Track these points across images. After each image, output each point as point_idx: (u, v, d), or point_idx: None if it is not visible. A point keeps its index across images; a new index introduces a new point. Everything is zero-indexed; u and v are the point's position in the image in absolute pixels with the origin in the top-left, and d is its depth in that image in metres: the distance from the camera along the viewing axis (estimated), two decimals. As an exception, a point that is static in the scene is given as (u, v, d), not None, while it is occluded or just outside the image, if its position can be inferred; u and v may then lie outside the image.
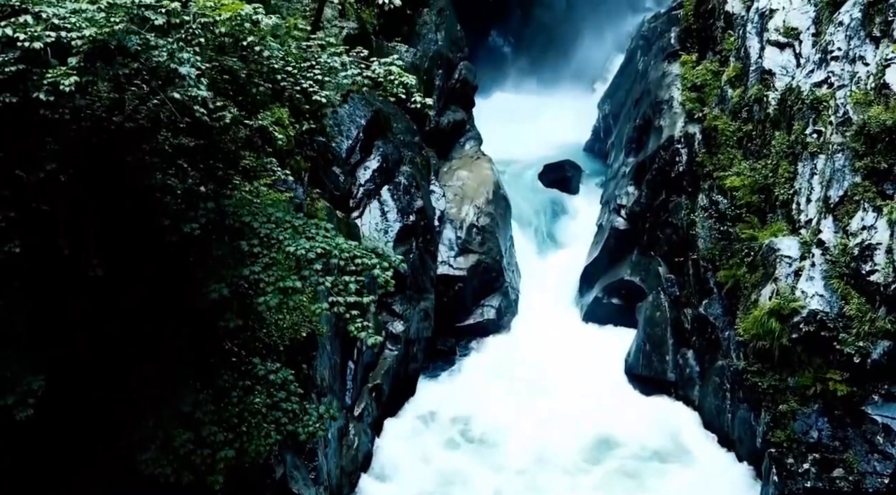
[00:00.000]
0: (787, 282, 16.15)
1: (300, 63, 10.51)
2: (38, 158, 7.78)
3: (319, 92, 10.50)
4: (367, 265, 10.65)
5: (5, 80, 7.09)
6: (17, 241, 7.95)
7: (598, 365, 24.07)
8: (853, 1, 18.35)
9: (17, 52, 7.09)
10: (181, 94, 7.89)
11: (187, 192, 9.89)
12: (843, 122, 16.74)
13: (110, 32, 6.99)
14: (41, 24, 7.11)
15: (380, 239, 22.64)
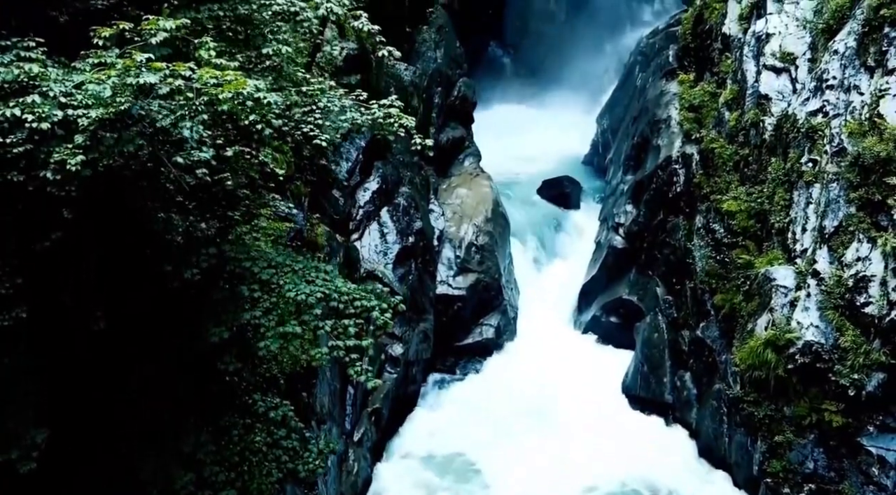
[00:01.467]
0: (783, 313, 16.28)
1: (301, 108, 10.66)
2: (46, 227, 7.93)
3: (320, 135, 10.63)
4: (366, 307, 10.78)
5: (13, 158, 7.23)
6: (23, 306, 8.10)
7: (596, 385, 24.19)
8: (848, 30, 18.50)
9: (24, 132, 7.23)
10: (184, 158, 8.03)
11: (189, 236, 10.00)
12: (838, 152, 16.89)
13: (116, 112, 7.14)
14: (48, 102, 7.25)
15: (379, 261, 22.79)
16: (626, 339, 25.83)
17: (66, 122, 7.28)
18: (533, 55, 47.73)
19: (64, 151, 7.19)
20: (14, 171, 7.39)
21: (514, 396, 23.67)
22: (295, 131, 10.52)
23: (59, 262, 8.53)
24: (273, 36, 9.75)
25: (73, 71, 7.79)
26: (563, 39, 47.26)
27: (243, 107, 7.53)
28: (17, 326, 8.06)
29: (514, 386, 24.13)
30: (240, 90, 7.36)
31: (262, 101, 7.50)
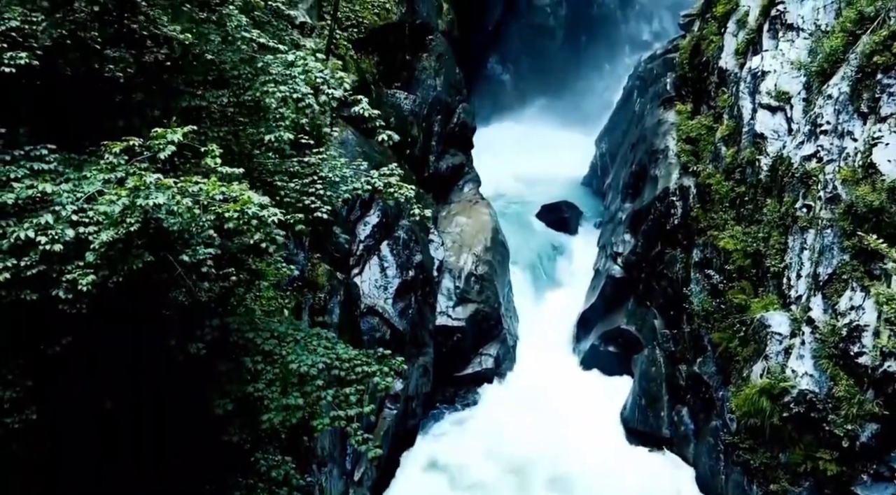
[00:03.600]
0: (778, 360, 16.50)
1: (302, 179, 10.88)
2: (56, 332, 8.15)
3: (322, 208, 10.85)
4: (368, 373, 11.00)
5: (26, 278, 7.46)
6: (33, 408, 8.31)
7: (595, 417, 24.38)
8: (842, 74, 18.72)
9: (37, 253, 7.46)
10: (190, 257, 8.26)
11: (193, 300, 10.16)
12: (832, 199, 17.11)
13: (127, 233, 7.36)
14: (61, 222, 7.49)
15: (379, 296, 22.98)
16: (625, 369, 26.05)
17: (78, 240, 7.51)
18: (532, 72, 48.00)
19: (76, 271, 7.43)
20: (27, 290, 7.62)
21: (513, 430, 23.84)
22: (297, 203, 10.73)
23: (69, 362, 8.74)
24: (276, 122, 9.98)
25: (84, 180, 8.01)
26: (562, 57, 47.60)
27: (248, 225, 7.77)
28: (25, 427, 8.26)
29: (513, 419, 24.30)
30: (245, 209, 7.59)
31: (265, 220, 7.73)
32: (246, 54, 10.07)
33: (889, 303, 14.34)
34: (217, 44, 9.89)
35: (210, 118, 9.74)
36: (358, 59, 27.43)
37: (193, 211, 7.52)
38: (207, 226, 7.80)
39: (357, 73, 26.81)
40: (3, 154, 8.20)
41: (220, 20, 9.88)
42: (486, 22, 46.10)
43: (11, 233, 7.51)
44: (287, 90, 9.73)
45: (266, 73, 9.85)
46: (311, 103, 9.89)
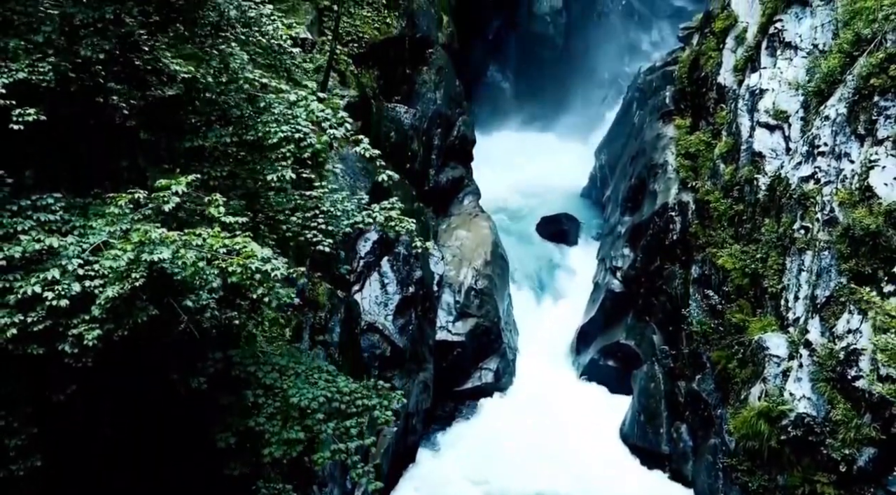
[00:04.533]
0: (776, 383, 16.60)
1: (304, 212, 10.99)
2: (61, 381, 8.26)
3: (323, 241, 10.95)
4: (368, 406, 11.11)
5: (32, 333, 7.58)
6: (38, 455, 8.40)
7: (594, 432, 24.49)
8: (839, 95, 18.83)
9: (44, 309, 7.58)
10: (194, 302, 8.37)
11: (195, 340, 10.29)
12: (829, 221, 17.21)
13: (132, 288, 7.49)
14: (67, 276, 7.60)
15: (380, 312, 23.09)
16: (624, 383, 26.15)
17: (84, 293, 7.63)
18: (532, 80, 48.06)
19: (81, 326, 7.54)
20: (34, 344, 7.73)
21: (513, 445, 23.94)
22: (298, 237, 10.84)
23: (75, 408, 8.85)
24: (278, 162, 10.10)
25: (90, 230, 8.12)
26: (562, 65, 47.69)
27: (252, 280, 7.88)
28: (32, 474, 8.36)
29: (513, 434, 24.41)
30: (248, 264, 7.70)
31: (269, 274, 7.85)
32: (248, 93, 10.18)
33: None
34: (220, 83, 9.99)
35: (213, 157, 9.85)
36: (358, 73, 27.53)
37: (198, 265, 7.62)
38: (211, 279, 7.91)
39: (357, 88, 26.93)
40: (10, 204, 8.32)
41: (223, 60, 9.98)
42: (486, 30, 46.24)
43: (19, 289, 7.63)
44: (289, 130, 9.84)
45: (268, 112, 9.96)
46: (313, 143, 10.01)
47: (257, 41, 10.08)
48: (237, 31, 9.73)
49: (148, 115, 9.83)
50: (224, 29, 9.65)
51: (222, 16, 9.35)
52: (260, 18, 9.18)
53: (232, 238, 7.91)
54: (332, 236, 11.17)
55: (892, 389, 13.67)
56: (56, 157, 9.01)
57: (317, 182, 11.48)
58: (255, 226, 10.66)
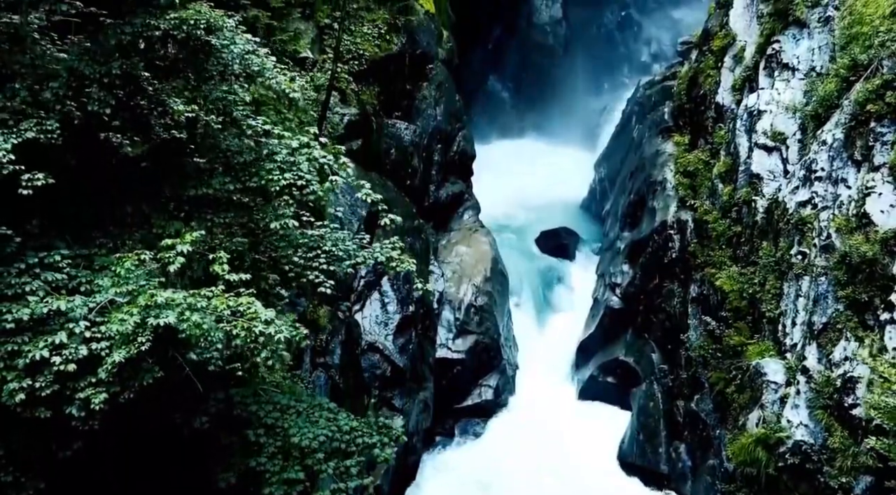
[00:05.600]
0: (773, 410, 16.73)
1: (306, 252, 11.12)
2: (68, 438, 8.39)
3: (325, 282, 11.08)
4: (368, 444, 11.25)
5: (40, 397, 7.71)
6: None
7: (593, 449, 24.62)
8: (836, 120, 18.96)
9: (52, 373, 7.71)
10: (198, 355, 8.51)
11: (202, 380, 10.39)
12: (826, 247, 17.35)
13: (138, 352, 7.64)
14: (74, 339, 7.74)
15: (380, 332, 23.21)
16: (624, 400, 26.28)
17: (91, 356, 7.76)
18: (532, 90, 48.20)
19: (88, 389, 7.67)
20: (42, 408, 7.87)
21: (513, 463, 24.08)
22: (300, 278, 10.99)
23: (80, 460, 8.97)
24: (280, 209, 10.24)
25: (96, 288, 8.26)
26: (561, 75, 47.83)
27: (255, 343, 8.01)
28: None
29: (512, 451, 24.54)
30: (252, 327, 7.84)
31: (272, 336, 7.98)
32: (251, 140, 10.32)
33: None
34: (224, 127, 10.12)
35: (217, 203, 9.98)
36: (358, 90, 27.66)
37: (203, 327, 7.76)
38: (216, 341, 8.05)
39: (357, 106, 27.07)
40: (17, 261, 8.46)
41: (225, 108, 10.12)
42: (486, 40, 46.39)
43: (27, 353, 7.77)
44: (291, 177, 9.98)
45: (271, 159, 10.10)
46: (315, 190, 10.14)
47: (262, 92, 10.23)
48: (240, 81, 9.87)
49: (152, 159, 9.96)
50: (228, 78, 9.80)
51: (226, 68, 9.49)
52: (263, 72, 9.32)
53: (236, 298, 8.05)
54: (333, 276, 11.30)
55: (886, 444, 13.76)
56: (61, 206, 9.13)
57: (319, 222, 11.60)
58: (258, 265, 10.80)
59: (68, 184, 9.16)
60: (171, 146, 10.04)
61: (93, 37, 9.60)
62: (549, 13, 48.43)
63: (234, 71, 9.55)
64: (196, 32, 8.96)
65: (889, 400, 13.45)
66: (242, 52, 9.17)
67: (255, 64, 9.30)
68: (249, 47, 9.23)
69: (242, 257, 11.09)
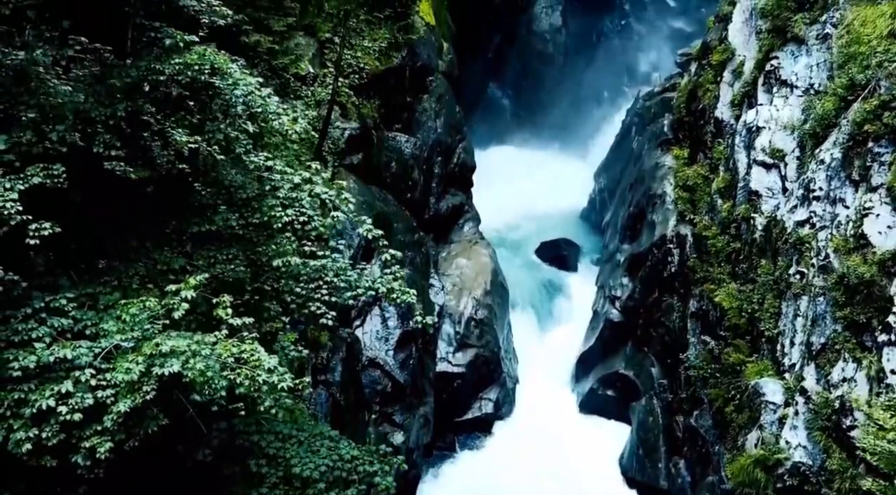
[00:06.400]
0: (772, 431, 16.82)
1: (308, 283, 11.23)
2: (72, 484, 8.49)
3: (327, 314, 11.19)
4: (369, 472, 11.35)
5: (46, 446, 7.81)
6: None
7: (593, 463, 24.76)
8: (834, 139, 19.05)
9: (58, 423, 7.81)
10: (201, 397, 8.61)
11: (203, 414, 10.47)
12: (824, 267, 17.44)
13: (143, 401, 7.75)
14: (80, 388, 7.85)
15: (380, 348, 23.31)
16: (623, 413, 26.38)
17: (96, 404, 7.87)
18: (532, 97, 48.34)
19: (94, 437, 7.77)
20: (47, 456, 7.97)
21: (512, 477, 24.18)
22: (302, 310, 11.09)
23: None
24: (283, 246, 10.35)
25: (103, 332, 8.37)
26: (561, 83, 47.98)
27: (259, 392, 8.12)
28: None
29: (513, 465, 24.65)
30: (255, 377, 7.95)
31: (276, 385, 8.09)
32: (253, 175, 10.43)
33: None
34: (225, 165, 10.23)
35: (220, 239, 10.08)
36: (359, 104, 27.75)
37: (206, 374, 7.87)
38: (220, 389, 8.15)
39: (358, 120, 27.19)
40: (24, 306, 8.56)
41: (228, 145, 10.23)
42: (486, 48, 46.48)
43: (34, 402, 7.86)
44: (294, 213, 10.09)
45: (274, 195, 10.21)
46: (317, 226, 10.25)
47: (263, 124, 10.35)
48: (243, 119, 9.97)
49: (155, 193, 10.06)
50: (231, 117, 9.90)
51: (229, 108, 9.59)
52: (266, 114, 9.43)
53: (240, 344, 8.16)
54: (335, 307, 11.40)
55: (882, 486, 13.83)
56: (66, 240, 9.23)
57: (320, 251, 11.72)
58: (261, 295, 10.91)
59: (73, 220, 9.27)
60: (174, 180, 10.13)
61: (99, 73, 9.70)
62: (548, 21, 48.53)
63: (237, 112, 9.65)
64: (200, 78, 9.08)
65: (884, 445, 13.45)
66: (245, 93, 9.28)
67: (257, 105, 9.40)
68: (253, 88, 9.34)
69: (244, 286, 11.22)
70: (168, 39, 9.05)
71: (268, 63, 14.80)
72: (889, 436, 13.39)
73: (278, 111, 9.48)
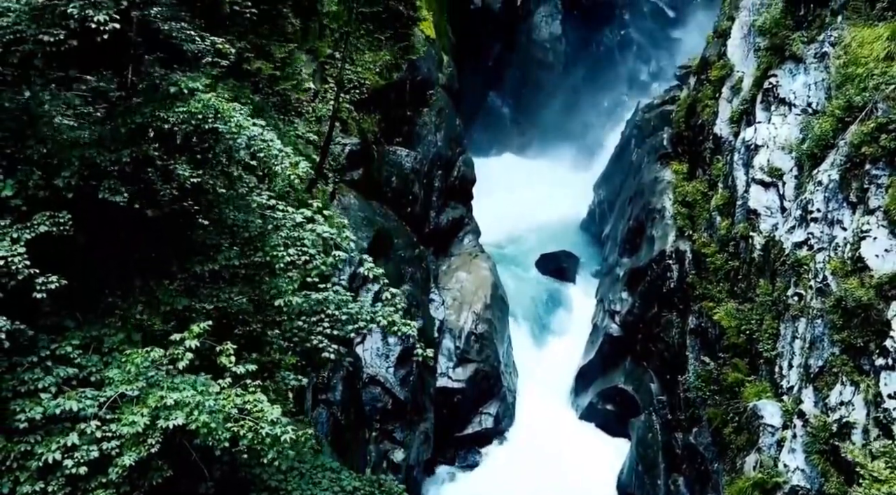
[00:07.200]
0: (770, 453, 16.93)
1: (309, 316, 11.34)
2: None
3: (329, 347, 11.30)
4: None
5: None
6: None
7: (592, 478, 24.90)
8: (831, 160, 19.16)
9: (63, 476, 7.93)
10: (203, 439, 8.72)
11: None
12: (822, 290, 17.54)
13: (147, 455, 7.87)
14: (85, 440, 7.97)
15: (381, 365, 23.44)
16: (622, 427, 26.50)
17: (102, 456, 7.98)
18: (532, 106, 48.45)
19: (99, 491, 7.88)
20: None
21: (512, 492, 24.27)
22: (304, 343, 11.20)
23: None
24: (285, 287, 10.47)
25: (108, 380, 8.48)
26: (561, 92, 48.10)
27: (262, 444, 8.24)
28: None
29: (512, 480, 24.77)
30: (259, 429, 8.06)
31: (279, 437, 8.21)
32: (256, 213, 10.54)
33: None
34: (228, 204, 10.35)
35: (222, 278, 10.20)
36: (359, 119, 27.85)
37: (210, 426, 7.99)
38: (223, 440, 8.26)
39: (358, 135, 27.29)
40: (30, 354, 8.67)
41: (231, 185, 10.34)
42: (486, 57, 46.63)
43: (40, 455, 7.97)
44: (296, 253, 10.21)
45: (276, 234, 10.31)
46: (319, 265, 10.37)
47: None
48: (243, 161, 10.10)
49: (159, 232, 10.17)
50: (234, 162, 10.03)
51: (232, 152, 9.70)
52: (269, 160, 9.55)
53: (243, 394, 8.27)
54: (337, 340, 11.50)
55: None
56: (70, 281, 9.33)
57: (321, 284, 11.83)
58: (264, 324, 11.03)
59: (78, 261, 9.38)
60: (177, 217, 10.24)
61: (104, 113, 9.81)
62: (548, 30, 48.64)
63: (240, 157, 9.78)
64: (204, 126, 9.20)
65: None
66: (248, 138, 9.39)
67: (261, 149, 9.52)
68: (256, 131, 9.45)
69: (246, 319, 11.33)
70: (172, 87, 9.18)
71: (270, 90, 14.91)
72: (883, 489, 13.31)
73: (280, 156, 9.59)
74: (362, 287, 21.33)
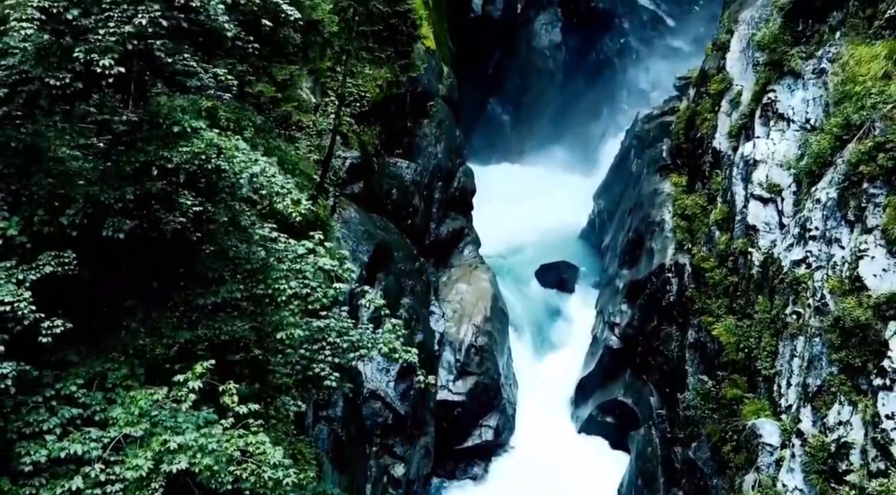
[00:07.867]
0: (769, 473, 17.03)
1: (311, 344, 11.44)
2: None
3: (331, 375, 11.39)
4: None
5: None
6: None
7: (592, 491, 24.98)
8: (829, 178, 19.24)
9: None
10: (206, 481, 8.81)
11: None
12: (820, 309, 17.63)
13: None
14: (88, 483, 8.05)
15: (381, 379, 23.54)
16: (622, 440, 26.60)
17: None
18: (531, 113, 48.61)
19: None
20: None
21: (513, 507, 24.40)
22: (306, 371, 11.30)
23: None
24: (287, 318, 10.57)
25: (112, 420, 8.58)
26: (561, 100, 48.26)
27: (265, 489, 8.33)
28: None
29: (512, 492, 24.90)
30: (261, 473, 8.16)
31: (281, 481, 8.30)
32: (258, 245, 10.63)
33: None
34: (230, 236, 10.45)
35: (224, 311, 10.29)
36: (360, 131, 27.95)
37: (213, 469, 8.08)
38: (226, 483, 8.36)
39: (359, 147, 27.39)
40: (35, 394, 8.77)
41: (234, 218, 10.44)
42: (485, 64, 46.77)
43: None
44: (297, 286, 10.31)
45: (277, 266, 10.41)
46: (320, 297, 10.46)
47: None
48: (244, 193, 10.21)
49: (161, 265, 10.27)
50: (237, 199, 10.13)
51: (235, 189, 9.81)
52: (272, 197, 9.65)
53: (246, 435, 8.36)
54: (339, 368, 11.60)
55: None
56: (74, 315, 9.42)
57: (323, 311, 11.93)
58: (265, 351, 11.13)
59: (82, 296, 9.48)
60: (180, 249, 10.33)
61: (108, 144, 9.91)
62: (548, 37, 48.80)
63: (243, 194, 9.89)
64: (207, 165, 9.30)
65: None
66: (251, 175, 9.50)
67: (263, 186, 9.64)
68: (258, 169, 9.56)
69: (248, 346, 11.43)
70: (175, 126, 9.26)
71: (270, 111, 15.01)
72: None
73: (282, 192, 9.69)
74: (361, 304, 21.40)
